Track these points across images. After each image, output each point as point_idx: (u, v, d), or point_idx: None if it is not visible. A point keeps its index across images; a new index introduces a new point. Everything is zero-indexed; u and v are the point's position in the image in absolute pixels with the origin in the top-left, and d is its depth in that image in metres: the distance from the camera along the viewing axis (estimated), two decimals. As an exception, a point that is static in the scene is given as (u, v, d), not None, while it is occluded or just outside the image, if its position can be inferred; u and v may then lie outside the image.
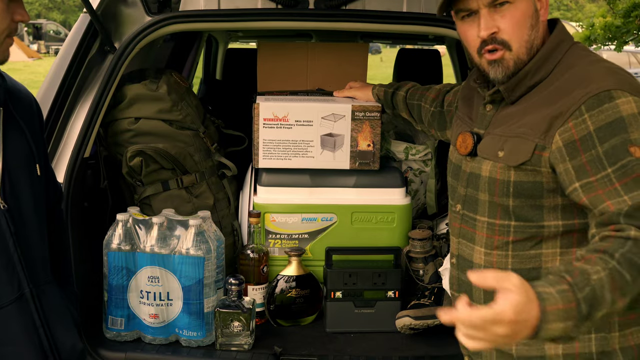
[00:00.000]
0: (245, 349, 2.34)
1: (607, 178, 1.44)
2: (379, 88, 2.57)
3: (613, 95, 1.46)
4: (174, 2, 2.49)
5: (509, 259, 1.59)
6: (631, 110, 1.45)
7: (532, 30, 1.58)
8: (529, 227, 1.56)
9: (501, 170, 1.58)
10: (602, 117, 1.45)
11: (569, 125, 1.48)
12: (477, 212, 1.65)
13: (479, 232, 1.65)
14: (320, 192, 2.63)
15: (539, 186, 1.54)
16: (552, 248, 1.56)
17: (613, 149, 1.44)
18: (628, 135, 1.43)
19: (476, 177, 1.65)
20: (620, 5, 7.91)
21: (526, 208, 1.56)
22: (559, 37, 1.60)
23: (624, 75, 1.52)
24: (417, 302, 2.49)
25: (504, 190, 1.58)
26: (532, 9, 1.58)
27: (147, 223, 2.40)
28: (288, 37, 4.79)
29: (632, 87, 1.48)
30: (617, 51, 8.35)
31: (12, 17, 1.57)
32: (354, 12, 2.48)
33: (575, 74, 1.53)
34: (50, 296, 1.72)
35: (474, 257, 1.66)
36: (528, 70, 1.59)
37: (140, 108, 2.58)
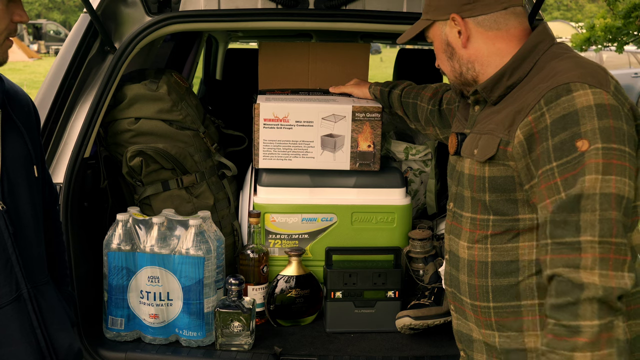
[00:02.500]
0: (245, 349, 2.34)
1: (550, 172, 1.46)
2: (374, 87, 2.60)
3: (571, 88, 1.46)
4: (174, 2, 2.49)
5: (488, 252, 1.62)
6: (587, 102, 1.44)
7: (452, 60, 1.73)
8: (506, 221, 1.59)
9: (477, 167, 1.63)
10: (558, 109, 1.46)
11: (529, 119, 1.50)
12: (463, 208, 1.70)
13: (463, 228, 1.69)
14: (320, 192, 2.63)
15: (510, 180, 1.56)
16: (528, 241, 1.58)
17: (562, 143, 1.44)
18: (579, 128, 1.43)
19: (461, 175, 1.71)
20: (620, 6, 7.91)
21: (502, 202, 1.59)
22: (537, 38, 1.64)
23: (590, 69, 1.51)
24: (417, 302, 2.49)
25: (480, 185, 1.62)
26: (443, 45, 1.73)
27: (147, 223, 2.40)
28: (288, 37, 4.79)
29: (595, 79, 1.48)
30: (618, 52, 8.35)
31: (11, 18, 1.57)
32: (354, 12, 2.48)
33: (544, 71, 1.57)
34: (48, 297, 1.72)
35: (460, 251, 1.70)
36: (504, 71, 1.63)
37: (140, 108, 2.58)
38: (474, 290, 1.65)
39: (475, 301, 1.65)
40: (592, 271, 1.38)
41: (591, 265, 1.38)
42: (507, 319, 1.60)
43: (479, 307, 1.64)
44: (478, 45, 1.67)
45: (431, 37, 1.77)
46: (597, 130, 1.42)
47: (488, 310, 1.63)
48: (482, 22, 1.66)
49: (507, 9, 1.65)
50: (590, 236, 1.39)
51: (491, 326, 1.63)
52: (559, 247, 1.42)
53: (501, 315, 1.61)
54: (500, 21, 1.65)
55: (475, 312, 1.66)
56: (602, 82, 1.48)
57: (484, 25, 1.66)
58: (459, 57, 1.70)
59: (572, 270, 1.39)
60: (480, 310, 1.64)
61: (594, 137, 1.42)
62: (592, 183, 1.40)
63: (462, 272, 1.68)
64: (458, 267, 1.70)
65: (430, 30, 1.76)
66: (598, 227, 1.39)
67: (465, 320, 1.72)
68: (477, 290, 1.64)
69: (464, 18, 1.66)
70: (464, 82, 1.74)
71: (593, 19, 8.71)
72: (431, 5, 1.74)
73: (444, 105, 2.26)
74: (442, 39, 1.73)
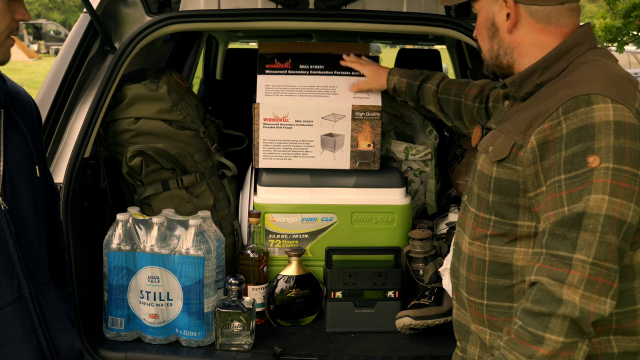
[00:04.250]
0: (245, 349, 2.34)
1: (558, 184, 1.42)
2: (399, 79, 2.45)
3: (592, 100, 1.41)
4: (174, 2, 2.49)
5: (486, 250, 1.62)
6: (605, 117, 1.39)
7: (492, 41, 1.66)
8: (504, 224, 1.58)
9: (487, 165, 1.61)
10: (575, 120, 1.42)
11: (545, 126, 1.46)
12: (471, 202, 1.69)
13: (467, 222, 1.69)
14: (320, 192, 2.63)
15: (514, 185, 1.54)
16: (524, 247, 1.57)
17: (574, 156, 1.41)
18: (593, 143, 1.39)
19: (474, 169, 1.70)
20: (620, 5, 7.90)
21: (503, 205, 1.57)
22: (576, 40, 1.58)
23: (617, 81, 1.47)
24: (417, 302, 2.49)
25: (486, 185, 1.61)
26: (488, 22, 1.66)
27: (147, 223, 2.40)
28: (288, 37, 4.79)
29: (619, 94, 1.42)
30: (619, 52, 8.36)
31: (13, 16, 1.57)
32: (354, 12, 2.48)
33: (572, 77, 1.52)
34: (49, 297, 1.72)
35: (462, 245, 1.70)
36: (536, 68, 1.58)
37: (140, 108, 2.58)
38: (470, 285, 1.65)
39: (470, 296, 1.66)
40: (576, 290, 1.36)
41: (577, 284, 1.36)
42: (498, 318, 1.61)
43: (473, 302, 1.65)
44: (523, 34, 1.61)
45: (477, 9, 1.69)
46: (611, 149, 1.38)
47: (481, 307, 1.63)
48: (534, 13, 1.59)
49: (563, 4, 1.58)
50: (584, 255, 1.37)
51: (483, 323, 1.64)
52: (551, 258, 1.40)
53: (492, 314, 1.62)
54: (552, 16, 1.58)
55: (470, 306, 1.67)
56: (626, 98, 1.43)
57: (535, 16, 1.59)
58: (500, 40, 1.64)
59: (556, 283, 1.37)
60: (475, 306, 1.65)
61: (606, 155, 1.38)
62: (597, 203, 1.37)
63: (463, 265, 1.68)
64: (459, 260, 1.70)
65: (478, 2, 1.67)
66: (595, 249, 1.36)
67: (465, 311, 1.72)
68: (473, 286, 1.64)
69: (516, 2, 1.59)
70: (498, 65, 1.69)
71: (593, 19, 8.71)
72: None
73: (490, 103, 2.20)
74: (488, 16, 1.65)
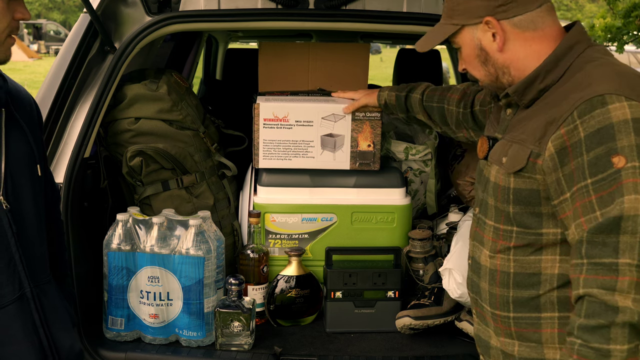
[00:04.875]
0: (245, 349, 2.34)
1: (585, 189, 1.40)
2: (388, 93, 2.45)
3: (606, 100, 1.40)
4: (174, 2, 2.49)
5: (510, 262, 1.59)
6: (623, 116, 1.38)
7: (487, 65, 1.63)
8: (529, 234, 1.56)
9: (503, 177, 1.58)
10: (593, 123, 1.40)
11: (561, 132, 1.44)
12: (487, 215, 1.66)
13: (486, 236, 1.65)
14: (320, 192, 2.63)
15: (535, 194, 1.52)
16: (551, 255, 1.55)
17: (597, 159, 1.39)
18: (615, 143, 1.37)
19: (487, 182, 1.66)
20: (620, 5, 7.91)
21: (525, 215, 1.55)
22: (573, 39, 1.56)
23: (628, 78, 1.45)
24: (417, 302, 2.49)
25: (505, 196, 1.58)
26: (476, 50, 1.63)
27: (147, 223, 2.40)
28: (288, 37, 4.79)
29: (633, 91, 1.42)
30: (619, 52, 8.35)
31: (13, 15, 1.57)
32: (354, 12, 2.48)
33: (578, 78, 1.50)
34: (50, 296, 1.72)
35: (482, 259, 1.67)
36: (537, 73, 1.56)
37: (140, 108, 2.58)
38: (494, 299, 1.63)
39: (495, 310, 1.63)
40: (628, 295, 1.34)
41: (627, 289, 1.34)
42: (527, 330, 1.59)
43: (499, 315, 1.63)
44: (515, 49, 1.58)
45: (459, 43, 1.66)
46: (634, 147, 1.37)
47: (508, 320, 1.61)
48: (518, 23, 1.57)
49: (541, 6, 1.57)
50: (629, 259, 1.35)
51: (511, 335, 1.62)
52: (595, 267, 1.38)
53: (520, 326, 1.60)
54: (536, 21, 1.57)
55: (495, 320, 1.64)
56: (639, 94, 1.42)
57: (521, 26, 1.57)
58: (494, 62, 1.61)
59: (607, 292, 1.36)
60: (500, 319, 1.63)
61: (631, 154, 1.36)
62: (631, 204, 1.35)
63: (484, 279, 1.65)
64: (480, 275, 1.67)
65: (458, 35, 1.64)
66: (638, 250, 1.35)
67: (486, 326, 1.70)
68: (497, 300, 1.62)
69: (499, 20, 1.57)
70: (499, 87, 1.66)
71: (593, 18, 8.71)
72: (457, 9, 1.62)
73: (476, 107, 2.18)
74: (474, 45, 1.62)
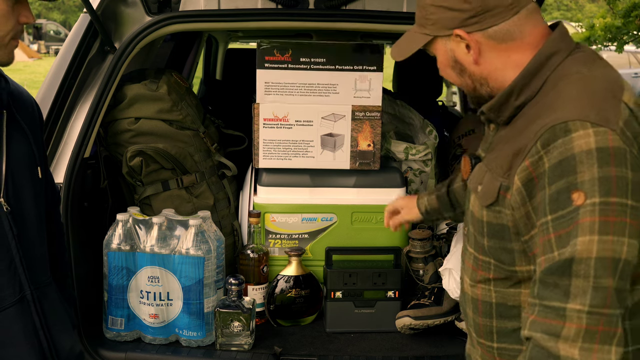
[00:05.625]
0: (245, 349, 2.34)
1: (545, 226, 1.30)
2: (428, 198, 2.17)
3: (570, 128, 1.28)
4: (174, 2, 2.49)
5: (492, 292, 1.51)
6: (586, 146, 1.26)
7: (463, 76, 1.53)
8: (504, 270, 1.47)
9: (478, 209, 1.49)
10: (555, 153, 1.29)
11: (526, 163, 1.34)
12: (469, 242, 1.57)
13: (467, 262, 1.58)
14: (320, 192, 2.63)
15: (506, 229, 1.42)
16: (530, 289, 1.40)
17: (558, 193, 1.28)
18: (576, 177, 1.26)
19: (468, 207, 1.59)
20: (620, 5, 7.90)
21: (499, 250, 1.46)
22: (550, 49, 1.44)
23: (597, 99, 1.33)
24: (417, 302, 2.49)
25: (480, 229, 1.50)
26: (450, 61, 1.52)
27: (147, 223, 2.40)
28: (288, 37, 4.78)
29: (599, 115, 1.29)
30: (618, 52, 8.35)
31: (18, 19, 1.56)
32: (354, 12, 2.48)
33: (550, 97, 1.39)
34: (50, 298, 1.72)
35: (464, 286, 1.60)
36: (512, 89, 1.45)
37: (140, 108, 2.58)
38: (478, 327, 1.56)
39: (480, 338, 1.57)
40: (574, 343, 1.24)
41: (573, 337, 1.24)
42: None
43: (483, 344, 1.57)
44: (491, 60, 1.47)
45: (433, 52, 1.56)
46: (595, 181, 1.25)
47: (492, 350, 1.55)
48: (493, 35, 1.44)
49: (519, 13, 1.44)
50: (579, 305, 1.24)
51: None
52: (545, 310, 1.29)
53: (504, 357, 1.52)
54: (513, 30, 1.44)
55: (482, 347, 1.58)
56: (608, 118, 1.29)
57: (496, 37, 1.44)
58: (470, 74, 1.51)
59: (551, 338, 1.26)
60: (485, 348, 1.56)
61: (591, 190, 1.25)
62: (585, 246, 1.24)
63: (469, 307, 1.59)
64: (465, 300, 1.61)
65: (431, 45, 1.54)
66: (590, 296, 1.24)
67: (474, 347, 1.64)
68: (481, 329, 1.55)
69: (471, 33, 1.45)
70: (479, 97, 1.55)
71: (593, 18, 8.72)
72: (428, 18, 1.51)
73: None
74: (449, 56, 1.52)
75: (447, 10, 1.46)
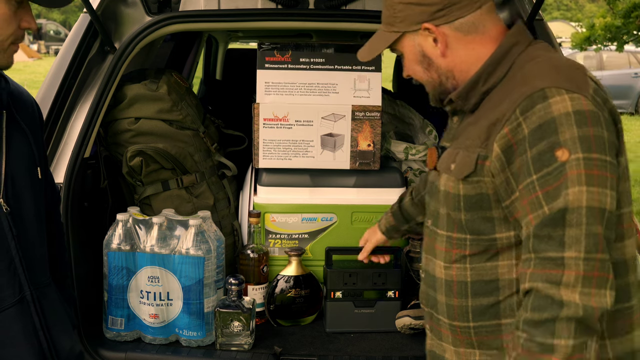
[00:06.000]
0: (245, 349, 2.34)
1: (531, 185, 1.38)
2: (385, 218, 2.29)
3: (547, 95, 1.39)
4: (174, 2, 2.49)
5: (467, 271, 1.55)
6: (564, 109, 1.37)
7: (430, 71, 1.60)
8: (483, 240, 1.52)
9: (452, 184, 1.54)
10: (534, 118, 1.38)
11: (505, 131, 1.42)
12: (438, 226, 1.62)
13: (438, 247, 1.61)
14: (320, 192, 2.63)
15: (486, 198, 1.49)
16: (507, 260, 1.51)
17: (540, 154, 1.37)
18: (558, 137, 1.36)
19: (437, 191, 1.63)
20: (620, 5, 7.90)
21: (478, 221, 1.51)
22: (512, 40, 1.54)
23: (567, 72, 1.44)
24: (417, 302, 2.49)
25: (456, 204, 1.54)
26: (418, 56, 1.60)
27: (147, 223, 2.40)
28: (288, 37, 4.79)
29: (572, 84, 1.40)
30: (619, 52, 8.35)
31: (19, 24, 1.55)
32: (354, 12, 2.48)
33: (519, 77, 1.48)
34: (50, 299, 1.72)
35: (436, 271, 1.63)
36: (479, 76, 1.54)
37: (140, 108, 2.58)
38: (452, 310, 1.59)
39: (454, 321, 1.59)
40: (574, 289, 1.33)
41: (574, 283, 1.33)
42: (488, 337, 1.56)
43: (458, 327, 1.59)
44: (458, 52, 1.55)
45: (400, 50, 1.63)
46: (576, 139, 1.35)
47: (468, 330, 1.58)
48: (459, 27, 1.53)
49: (481, 7, 1.54)
50: (575, 252, 1.33)
51: (472, 345, 1.58)
52: (542, 262, 1.36)
53: (481, 335, 1.56)
54: (477, 23, 1.54)
55: (454, 331, 1.60)
56: (580, 87, 1.41)
57: (462, 29, 1.54)
58: (437, 67, 1.59)
59: (553, 286, 1.34)
60: (460, 330, 1.59)
61: (574, 146, 1.35)
62: (576, 196, 1.34)
63: (440, 292, 1.61)
64: (435, 288, 1.63)
65: (399, 43, 1.61)
66: (584, 243, 1.33)
67: (440, 340, 1.66)
68: (456, 311, 1.58)
69: (439, 25, 1.53)
70: (444, 91, 1.63)
71: (593, 18, 8.72)
72: (396, 16, 1.58)
73: None
74: (416, 51, 1.59)
75: (415, 6, 1.55)
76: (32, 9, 1.58)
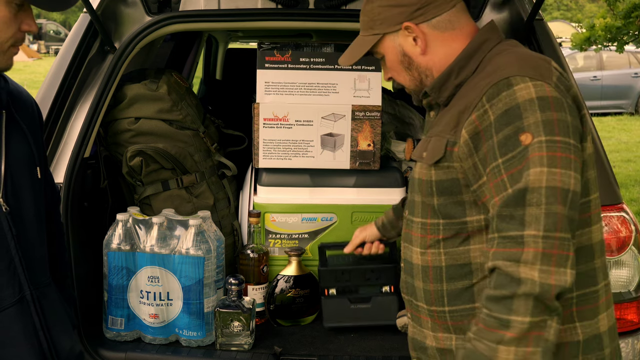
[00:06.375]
0: (245, 349, 2.34)
1: (497, 169, 1.43)
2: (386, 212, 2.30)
3: (512, 82, 1.45)
4: (174, 2, 2.49)
5: (441, 256, 1.60)
6: (528, 95, 1.43)
7: (411, 70, 1.67)
8: (455, 224, 1.57)
9: (425, 171, 1.60)
10: (500, 105, 1.44)
11: (473, 117, 1.48)
12: (414, 214, 1.67)
13: (414, 233, 1.66)
14: (320, 192, 2.63)
15: (456, 182, 1.54)
16: (479, 243, 1.55)
17: (506, 139, 1.42)
18: (522, 122, 1.41)
19: (412, 180, 1.68)
20: (620, 6, 7.90)
21: (449, 205, 1.56)
22: (484, 36, 1.62)
23: (531, 61, 1.51)
24: (417, 302, 2.49)
25: (428, 189, 1.59)
26: (399, 56, 1.67)
27: (147, 223, 2.40)
28: (288, 37, 4.79)
29: (536, 72, 1.47)
30: (619, 52, 8.35)
31: (20, 27, 1.55)
32: (354, 12, 2.48)
33: (488, 69, 1.54)
34: (50, 298, 1.72)
35: (413, 258, 1.67)
36: (451, 69, 1.60)
37: (140, 108, 2.59)
38: (429, 295, 1.63)
39: (431, 306, 1.63)
40: (533, 266, 1.35)
41: (532, 260, 1.36)
42: (462, 322, 1.59)
43: (435, 311, 1.63)
44: (436, 50, 1.63)
45: (381, 52, 1.70)
46: (540, 123, 1.41)
47: (444, 314, 1.61)
48: (437, 25, 1.62)
49: (455, 6, 1.63)
50: (534, 230, 1.36)
51: (448, 329, 1.62)
52: (504, 240, 1.40)
53: (457, 319, 1.60)
54: (453, 20, 1.62)
55: (432, 317, 1.64)
56: (543, 74, 1.47)
57: (439, 27, 1.62)
58: (417, 65, 1.66)
59: (512, 264, 1.37)
60: (437, 315, 1.62)
61: (537, 130, 1.40)
62: (537, 176, 1.38)
63: (418, 278, 1.65)
64: (413, 274, 1.67)
65: (380, 45, 1.68)
66: (543, 222, 1.36)
67: (420, 327, 1.69)
68: (432, 296, 1.62)
69: (417, 24, 1.61)
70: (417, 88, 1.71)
71: (593, 18, 8.71)
72: (375, 19, 1.66)
73: None
74: (397, 51, 1.66)
75: (393, 8, 1.63)
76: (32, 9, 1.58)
